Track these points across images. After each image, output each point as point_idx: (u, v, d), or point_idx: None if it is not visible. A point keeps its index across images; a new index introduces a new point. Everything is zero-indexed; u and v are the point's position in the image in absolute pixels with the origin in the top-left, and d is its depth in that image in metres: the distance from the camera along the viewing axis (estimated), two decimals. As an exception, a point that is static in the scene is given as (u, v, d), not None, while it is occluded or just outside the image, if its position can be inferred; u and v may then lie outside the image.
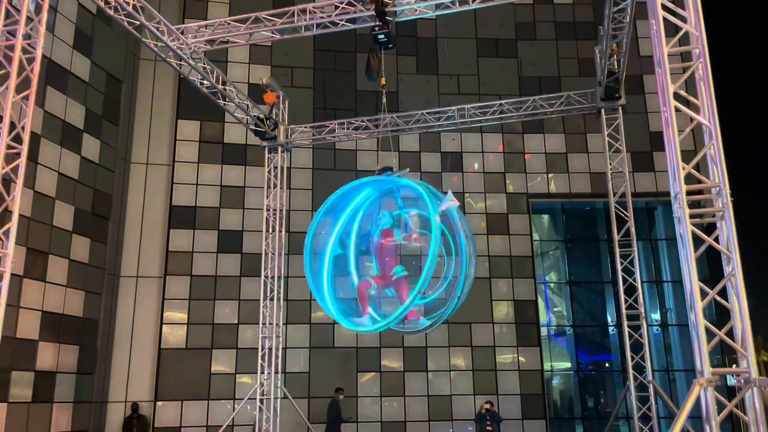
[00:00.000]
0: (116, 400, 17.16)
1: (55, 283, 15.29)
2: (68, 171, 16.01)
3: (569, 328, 20.92)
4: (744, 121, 20.04)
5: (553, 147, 20.41)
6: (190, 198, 18.75)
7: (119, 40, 18.15)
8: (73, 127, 16.29)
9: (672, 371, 20.13)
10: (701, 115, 6.98)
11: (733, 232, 6.61)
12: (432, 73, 20.65)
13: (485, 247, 19.41)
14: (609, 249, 18.63)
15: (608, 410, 19.55)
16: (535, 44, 21.11)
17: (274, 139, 15.34)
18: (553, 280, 21.86)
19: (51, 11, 15.11)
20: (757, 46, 21.55)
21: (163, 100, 19.39)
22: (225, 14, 18.23)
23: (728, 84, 17.85)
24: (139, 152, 18.90)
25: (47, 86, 15.33)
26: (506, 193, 20.04)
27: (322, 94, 20.00)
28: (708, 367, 6.23)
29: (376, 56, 10.88)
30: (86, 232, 16.45)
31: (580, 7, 21.25)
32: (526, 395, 18.49)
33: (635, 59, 18.99)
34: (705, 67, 6.98)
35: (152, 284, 18.09)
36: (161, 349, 17.63)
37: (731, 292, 6.58)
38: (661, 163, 19.22)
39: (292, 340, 17.92)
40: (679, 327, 19.98)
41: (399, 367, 18.44)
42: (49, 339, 14.99)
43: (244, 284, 18.21)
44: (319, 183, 19.07)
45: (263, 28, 11.79)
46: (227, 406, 17.43)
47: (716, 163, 6.81)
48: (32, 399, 14.39)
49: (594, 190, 19.63)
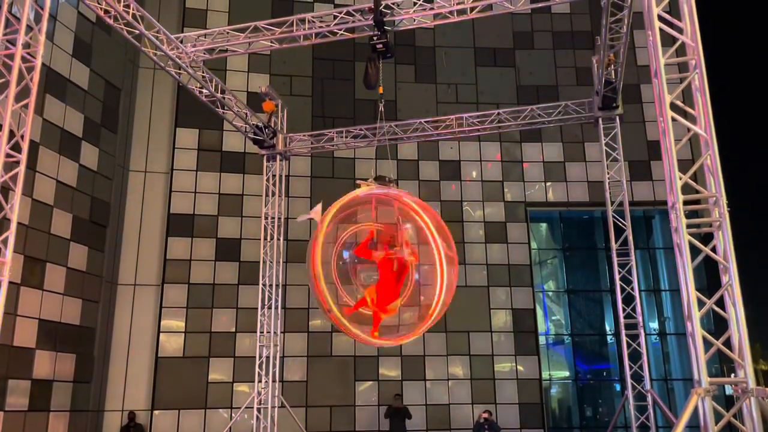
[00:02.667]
0: (113, 408, 17.09)
1: (52, 291, 15.25)
2: (66, 179, 16.01)
3: (567, 337, 20.90)
4: (744, 130, 20.18)
5: (551, 156, 20.46)
6: (189, 206, 18.74)
7: (118, 49, 18.20)
8: (71, 135, 16.31)
9: (670, 380, 20.09)
10: (698, 125, 7.01)
11: (730, 241, 6.63)
12: (430, 82, 20.71)
13: (483, 256, 19.43)
14: (607, 258, 18.66)
15: (606, 419, 19.48)
16: (533, 53, 21.20)
17: (273, 147, 15.37)
18: (552, 289, 21.85)
19: (51, 20, 15.13)
20: (759, 55, 21.79)
21: (162, 108, 19.42)
22: (224, 23, 18.32)
23: (727, 93, 17.99)
24: (137, 160, 18.91)
25: (46, 94, 15.35)
26: (504, 202, 20.06)
27: (320, 103, 20.05)
28: (705, 377, 6.24)
29: (374, 65, 10.93)
30: (84, 240, 16.43)
31: (577, 16, 21.35)
32: (525, 404, 18.45)
33: (633, 69, 19.10)
34: (701, 77, 7.02)
35: (150, 292, 18.06)
36: (158, 357, 17.57)
37: (728, 302, 6.59)
38: (659, 172, 19.26)
39: (290, 349, 17.88)
40: (677, 336, 19.97)
41: (397, 375, 18.39)
42: (46, 347, 14.93)
43: (242, 292, 18.17)
44: (318, 191, 19.08)
45: (262, 37, 11.84)
46: (224, 415, 17.35)
47: (713, 173, 6.83)
48: (28, 407, 14.32)
49: (592, 198, 19.67)
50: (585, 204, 20.17)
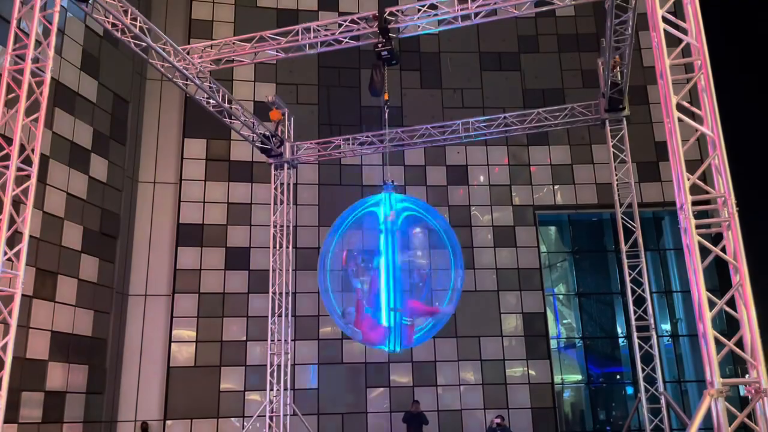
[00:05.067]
0: (126, 419, 17.15)
1: (64, 302, 15.36)
2: (76, 191, 16.14)
3: (579, 341, 20.79)
4: (755, 129, 20.03)
5: (559, 158, 20.43)
6: (198, 216, 18.84)
7: (126, 61, 18.37)
8: (81, 148, 16.46)
9: (684, 382, 19.95)
10: (705, 125, 6.99)
11: (740, 241, 6.59)
12: (436, 88, 20.76)
13: (492, 260, 19.39)
14: (617, 260, 18.57)
15: (620, 423, 19.33)
16: (538, 57, 21.21)
17: (280, 155, 15.43)
18: (562, 292, 21.76)
19: (59, 34, 15.27)
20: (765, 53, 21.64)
21: (170, 119, 19.56)
22: (230, 34, 18.45)
23: (736, 92, 17.83)
24: (146, 171, 19.05)
25: (55, 108, 15.52)
26: (512, 206, 20.04)
27: (327, 111, 20.13)
28: (718, 378, 6.19)
29: (379, 72, 10.96)
30: (95, 251, 16.55)
31: (582, 19, 21.35)
32: (537, 409, 18.36)
33: (639, 70, 19.06)
34: (707, 77, 6.99)
35: (160, 302, 18.14)
36: (170, 367, 17.63)
37: (739, 302, 6.54)
38: (668, 173, 19.13)
39: (301, 357, 17.89)
40: (690, 337, 19.83)
41: (408, 382, 18.36)
42: (58, 359, 15.03)
43: (252, 301, 18.23)
44: (326, 198, 19.14)
45: (268, 46, 11.90)
46: (236, 423, 17.39)
47: (721, 173, 6.80)
48: (42, 419, 14.41)
49: (600, 200, 19.60)
50: (593, 206, 20.10)
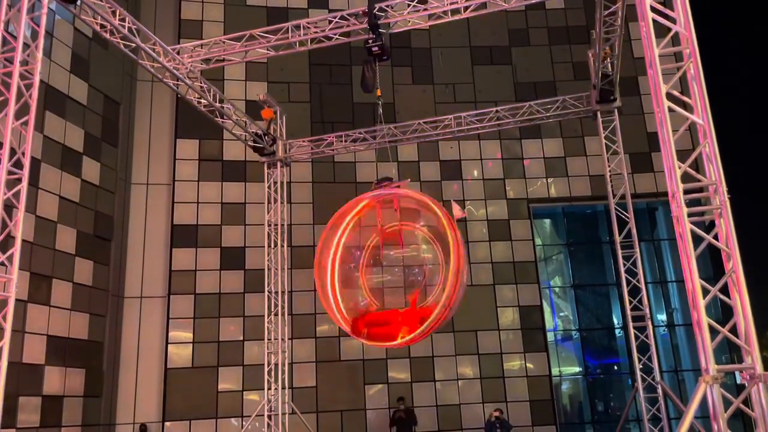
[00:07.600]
0: (124, 422, 17.12)
1: (59, 306, 15.31)
2: (69, 194, 16.07)
3: (576, 332, 20.85)
4: (745, 116, 20.12)
5: (552, 151, 20.45)
6: (192, 216, 18.79)
7: (116, 63, 18.28)
8: (72, 151, 16.39)
9: (680, 371, 20.03)
10: (695, 114, 7.01)
11: (732, 228, 6.62)
12: (428, 83, 20.74)
13: (488, 254, 19.41)
14: (612, 251, 18.63)
15: (618, 413, 19.42)
16: (529, 50, 21.21)
17: (273, 154, 15.41)
18: (558, 285, 21.81)
19: (47, 36, 15.23)
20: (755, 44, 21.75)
21: (162, 120, 19.49)
22: (220, 33, 18.37)
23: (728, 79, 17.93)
24: (139, 173, 18.99)
25: (46, 111, 15.44)
26: (507, 199, 20.06)
27: (319, 108, 20.09)
28: (713, 365, 6.23)
29: (371, 68, 10.96)
30: (89, 254, 16.49)
31: (571, 11, 21.37)
32: (536, 401, 18.41)
33: (629, 61, 19.08)
34: (696, 66, 7.01)
35: (156, 304, 18.10)
36: (167, 368, 17.60)
37: (733, 289, 6.57)
38: (660, 164, 19.16)
39: (299, 355, 17.88)
40: (686, 327, 19.90)
41: (406, 378, 18.38)
42: (55, 363, 14.99)
43: (248, 300, 18.20)
44: (320, 196, 19.11)
45: (258, 45, 11.88)
46: (235, 423, 17.38)
47: (712, 161, 6.83)
48: (40, 424, 14.37)
49: (594, 192, 19.64)
50: (587, 198, 20.14)
